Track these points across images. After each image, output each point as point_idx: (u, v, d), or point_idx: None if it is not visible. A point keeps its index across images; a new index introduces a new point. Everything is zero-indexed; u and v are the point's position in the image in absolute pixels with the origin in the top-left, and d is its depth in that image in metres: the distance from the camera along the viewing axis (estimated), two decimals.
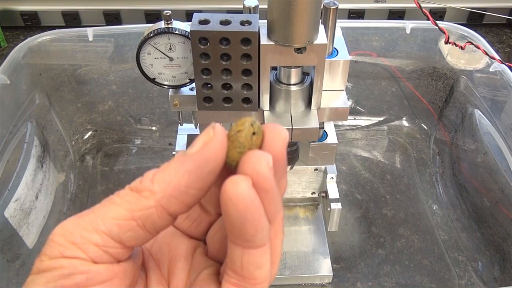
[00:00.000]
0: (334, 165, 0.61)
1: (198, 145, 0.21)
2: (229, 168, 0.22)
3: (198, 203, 0.26)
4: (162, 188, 0.21)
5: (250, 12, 0.45)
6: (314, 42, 0.43)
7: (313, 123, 0.47)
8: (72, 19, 0.98)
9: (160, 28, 0.45)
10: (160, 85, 0.48)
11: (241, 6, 0.46)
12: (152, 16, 0.97)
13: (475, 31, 0.70)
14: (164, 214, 0.21)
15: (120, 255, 0.21)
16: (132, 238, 0.21)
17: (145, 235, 0.21)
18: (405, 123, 0.84)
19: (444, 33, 0.54)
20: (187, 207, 0.21)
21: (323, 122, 0.52)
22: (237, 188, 0.19)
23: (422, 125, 0.83)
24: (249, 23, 0.41)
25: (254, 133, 0.21)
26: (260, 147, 0.21)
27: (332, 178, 0.62)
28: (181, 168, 0.21)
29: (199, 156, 0.21)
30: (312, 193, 0.67)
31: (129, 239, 0.21)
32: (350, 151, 0.81)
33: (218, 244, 0.25)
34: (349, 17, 0.98)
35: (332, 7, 0.45)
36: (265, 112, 0.48)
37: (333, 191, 0.61)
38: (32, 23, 0.99)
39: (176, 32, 0.45)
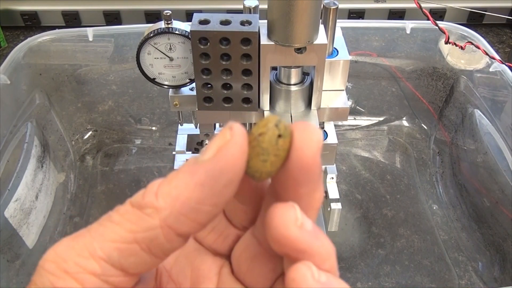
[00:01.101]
0: (334, 165, 0.61)
1: (212, 150, 0.17)
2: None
3: (223, 213, 0.22)
4: (169, 203, 0.17)
5: (250, 12, 0.45)
6: (314, 42, 0.43)
7: (313, 123, 0.47)
8: (72, 19, 0.98)
9: (160, 28, 0.45)
10: (160, 85, 0.48)
11: (241, 6, 0.46)
12: (152, 16, 0.97)
13: (475, 31, 0.70)
14: (172, 235, 0.17)
15: (123, 284, 0.18)
16: (136, 264, 0.18)
17: (151, 259, 0.18)
18: (405, 123, 0.84)
19: (444, 33, 0.54)
20: (200, 226, 0.18)
21: (323, 122, 0.52)
22: (305, 285, 0.17)
23: (422, 125, 0.83)
24: (249, 23, 0.41)
25: (280, 136, 0.17)
26: (288, 152, 0.18)
27: (332, 178, 0.61)
28: (191, 180, 0.17)
29: (213, 165, 0.17)
30: None
31: (133, 266, 0.18)
32: (350, 151, 0.81)
33: (246, 264, 0.21)
34: (349, 17, 0.98)
35: (332, 7, 0.45)
36: (265, 112, 0.48)
37: (333, 191, 0.61)
38: (32, 23, 0.99)
39: (176, 32, 0.45)
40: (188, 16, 0.97)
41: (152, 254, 0.18)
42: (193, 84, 0.48)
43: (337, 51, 0.49)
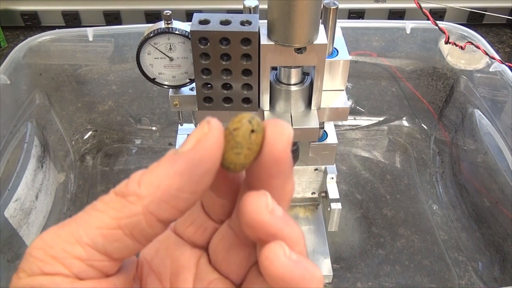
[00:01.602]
0: (334, 165, 0.61)
1: (191, 142, 0.19)
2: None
3: (202, 208, 0.24)
4: (150, 191, 0.18)
5: (250, 12, 0.46)
6: (314, 42, 0.43)
7: (313, 123, 0.47)
8: (72, 19, 0.98)
9: (160, 28, 0.45)
10: (160, 85, 0.48)
11: (241, 6, 0.46)
12: (152, 16, 0.97)
13: (475, 31, 0.70)
14: (153, 221, 0.18)
15: (107, 268, 0.19)
16: (119, 249, 0.19)
17: (134, 245, 0.19)
18: (405, 123, 0.84)
19: (444, 33, 0.54)
20: (179, 213, 0.19)
21: (323, 122, 0.52)
22: (273, 267, 0.18)
23: (422, 125, 0.83)
24: (249, 23, 0.41)
25: (253, 131, 0.19)
26: (261, 146, 0.19)
27: (332, 178, 0.62)
28: (172, 169, 0.18)
29: (191, 155, 0.18)
30: (312, 193, 0.67)
31: (116, 251, 0.19)
32: (350, 151, 0.81)
33: (222, 253, 0.23)
34: (349, 17, 0.98)
35: (332, 7, 0.45)
36: (265, 112, 0.48)
37: (333, 191, 0.61)
38: (32, 23, 0.99)
39: (176, 32, 0.45)
40: (188, 16, 0.97)
41: (135, 239, 0.19)
42: (193, 84, 0.48)
43: (337, 51, 0.49)
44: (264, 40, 0.42)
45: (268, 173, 0.19)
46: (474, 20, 1.01)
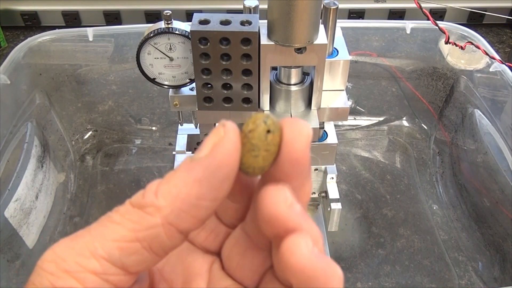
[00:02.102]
0: (334, 165, 0.61)
1: (207, 147, 0.18)
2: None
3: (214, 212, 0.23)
4: (169, 202, 0.17)
5: (250, 12, 0.45)
6: (314, 42, 0.43)
7: (313, 123, 0.47)
8: (72, 19, 0.98)
9: (160, 28, 0.45)
10: (160, 85, 0.48)
11: (241, 6, 0.46)
12: (152, 16, 0.97)
13: (475, 31, 0.70)
14: (173, 232, 0.18)
15: (123, 283, 0.18)
16: (136, 262, 0.18)
17: (152, 257, 0.18)
18: (405, 123, 0.84)
19: (444, 33, 0.54)
20: (200, 222, 0.18)
21: (323, 122, 0.52)
22: (294, 259, 0.17)
23: (422, 125, 0.83)
24: (249, 23, 0.41)
25: (268, 131, 0.18)
26: (279, 147, 0.18)
27: (332, 178, 0.61)
28: (190, 177, 0.17)
29: (209, 161, 0.17)
30: (312, 193, 0.67)
31: (134, 264, 0.18)
32: (350, 151, 0.81)
33: (236, 259, 0.22)
34: (349, 17, 0.98)
35: (332, 7, 0.45)
36: (265, 112, 0.48)
37: (333, 191, 0.61)
38: (32, 23, 0.99)
39: (176, 32, 0.45)
40: (188, 16, 0.97)
41: (153, 252, 0.18)
42: (193, 84, 0.48)
43: (337, 51, 0.49)
44: (264, 40, 0.42)
45: (286, 174, 0.18)
46: (474, 20, 1.01)
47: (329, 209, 0.59)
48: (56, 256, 0.18)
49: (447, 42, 0.55)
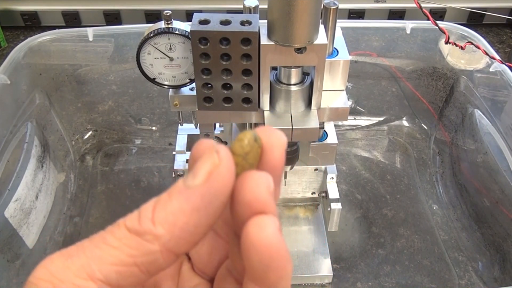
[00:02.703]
0: (334, 165, 0.61)
1: (202, 174, 0.18)
2: None
3: None
4: (167, 230, 0.18)
5: (250, 12, 0.46)
6: (314, 42, 0.43)
7: (313, 123, 0.47)
8: (72, 19, 0.98)
9: (160, 28, 0.45)
10: (160, 85, 0.48)
11: (241, 6, 0.46)
12: (152, 16, 0.97)
13: (475, 31, 0.70)
14: (171, 256, 0.18)
15: None
16: (132, 283, 0.18)
17: (147, 277, 0.19)
18: (405, 123, 0.84)
19: (444, 33, 0.54)
20: (195, 244, 0.19)
21: (323, 122, 0.52)
22: (262, 233, 0.17)
23: (422, 125, 0.83)
24: (249, 23, 0.41)
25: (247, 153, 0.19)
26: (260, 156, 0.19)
27: (332, 178, 0.62)
28: (187, 205, 0.18)
29: (206, 190, 0.18)
30: (312, 193, 0.67)
31: (130, 284, 0.18)
32: (350, 151, 0.81)
33: (205, 258, 0.22)
34: (349, 17, 0.98)
35: (332, 7, 0.45)
36: (265, 112, 0.48)
37: (333, 191, 0.61)
38: (32, 23, 0.99)
39: (176, 32, 0.45)
40: (188, 16, 0.97)
41: (149, 273, 0.18)
42: (193, 84, 0.48)
43: (337, 51, 0.49)
44: (264, 40, 0.42)
45: None
46: (474, 20, 1.01)
47: (329, 209, 0.59)
48: (51, 276, 0.18)
49: (447, 42, 0.55)
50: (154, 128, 0.83)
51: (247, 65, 0.43)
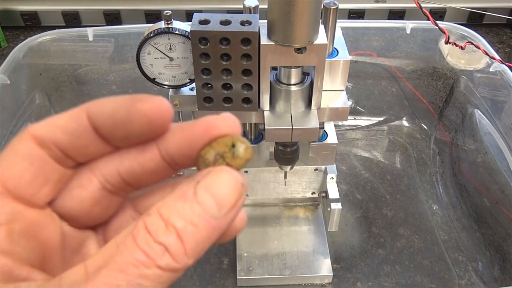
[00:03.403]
0: (334, 165, 0.61)
1: (229, 206, 0.19)
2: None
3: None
4: (196, 257, 0.19)
5: (250, 12, 0.46)
6: (314, 42, 0.43)
7: (313, 123, 0.47)
8: (72, 19, 0.98)
9: (160, 28, 0.45)
10: (160, 85, 0.48)
11: (241, 6, 0.46)
12: (152, 16, 0.97)
13: (475, 31, 0.70)
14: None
15: None
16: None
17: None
18: (405, 123, 0.84)
19: (444, 33, 0.54)
20: None
21: (323, 122, 0.52)
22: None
23: (422, 125, 0.83)
24: (249, 23, 0.41)
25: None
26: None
27: (332, 178, 0.62)
28: (214, 234, 0.19)
29: (230, 219, 0.19)
30: (312, 193, 0.67)
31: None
32: (350, 151, 0.81)
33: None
34: (349, 17, 0.98)
35: (332, 7, 0.45)
36: (265, 112, 0.48)
37: (333, 191, 0.61)
38: (32, 23, 0.99)
39: (176, 32, 0.45)
40: (188, 16, 0.97)
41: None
42: (193, 84, 0.48)
43: (337, 51, 0.49)
44: (264, 40, 0.42)
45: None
46: (474, 20, 1.01)
47: (329, 209, 0.59)
48: None
49: (447, 42, 0.55)
50: None
51: (247, 65, 0.43)
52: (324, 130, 0.56)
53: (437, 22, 0.54)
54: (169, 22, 0.45)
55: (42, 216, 0.21)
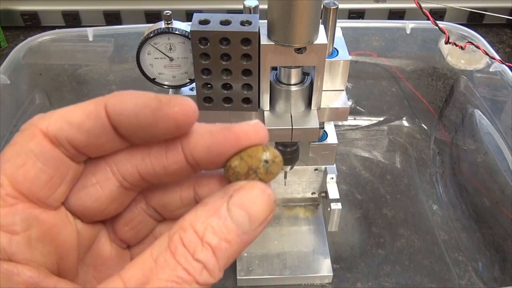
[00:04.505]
0: (334, 165, 0.61)
1: (260, 221, 0.19)
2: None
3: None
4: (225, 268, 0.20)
5: (250, 12, 0.45)
6: (314, 42, 0.43)
7: (313, 123, 0.47)
8: (72, 19, 0.98)
9: (160, 28, 0.45)
10: (160, 85, 0.48)
11: (241, 6, 0.46)
12: (152, 16, 0.97)
13: (475, 31, 0.70)
14: None
15: None
16: None
17: None
18: (405, 123, 0.84)
19: (444, 33, 0.54)
20: None
21: (323, 122, 0.52)
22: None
23: (422, 125, 0.83)
24: (249, 23, 0.41)
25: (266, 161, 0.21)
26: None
27: (332, 178, 0.62)
28: (243, 247, 0.19)
29: (258, 233, 0.20)
30: (312, 193, 0.67)
31: None
32: (350, 151, 0.81)
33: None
34: (349, 17, 0.98)
35: (332, 7, 0.45)
36: (265, 112, 0.48)
37: (333, 191, 0.61)
38: (32, 23, 0.99)
39: (176, 32, 0.45)
40: (188, 16, 0.97)
41: None
42: (193, 84, 0.48)
43: (337, 51, 0.49)
44: (264, 40, 0.42)
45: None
46: (474, 20, 1.01)
47: (329, 209, 0.59)
48: None
49: (447, 42, 0.55)
50: None
51: (247, 65, 0.43)
52: (324, 130, 0.56)
53: (437, 22, 0.54)
54: (169, 22, 0.45)
55: (58, 217, 0.21)
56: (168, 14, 0.44)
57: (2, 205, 0.19)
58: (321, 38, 0.43)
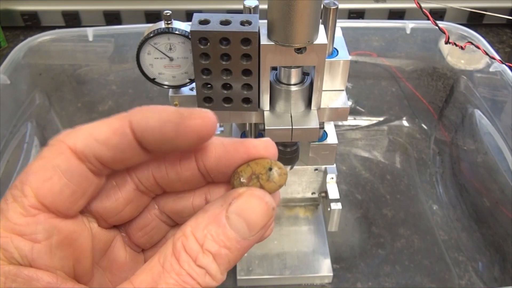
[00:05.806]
0: (334, 165, 0.61)
1: (259, 227, 0.20)
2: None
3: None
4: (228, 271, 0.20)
5: (250, 12, 0.45)
6: (314, 42, 0.43)
7: (313, 123, 0.47)
8: (72, 19, 0.98)
9: (160, 28, 0.45)
10: (160, 85, 0.48)
11: (241, 6, 0.46)
12: (152, 16, 0.97)
13: (475, 31, 0.70)
14: None
15: None
16: None
17: None
18: (405, 123, 0.84)
19: (444, 33, 0.54)
20: None
21: (323, 122, 0.52)
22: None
23: (422, 125, 0.83)
24: (249, 23, 0.41)
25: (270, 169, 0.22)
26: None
27: (332, 178, 0.62)
28: (243, 253, 0.20)
29: (258, 239, 0.20)
30: (312, 193, 0.67)
31: None
32: (350, 151, 0.81)
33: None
34: (349, 17, 0.98)
35: (332, 7, 0.45)
36: (265, 112, 0.48)
37: (333, 191, 0.61)
38: (32, 23, 0.99)
39: (176, 32, 0.45)
40: (188, 16, 0.97)
41: None
42: (193, 84, 0.48)
43: (337, 51, 0.49)
44: (264, 40, 0.42)
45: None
46: (474, 20, 1.01)
47: (329, 209, 0.59)
48: None
49: (447, 42, 0.55)
50: None
51: (247, 65, 0.43)
52: (324, 130, 0.56)
53: (437, 22, 0.54)
54: (169, 22, 0.45)
55: (75, 224, 0.22)
56: (168, 14, 0.44)
57: (25, 215, 0.20)
58: (321, 38, 0.43)
